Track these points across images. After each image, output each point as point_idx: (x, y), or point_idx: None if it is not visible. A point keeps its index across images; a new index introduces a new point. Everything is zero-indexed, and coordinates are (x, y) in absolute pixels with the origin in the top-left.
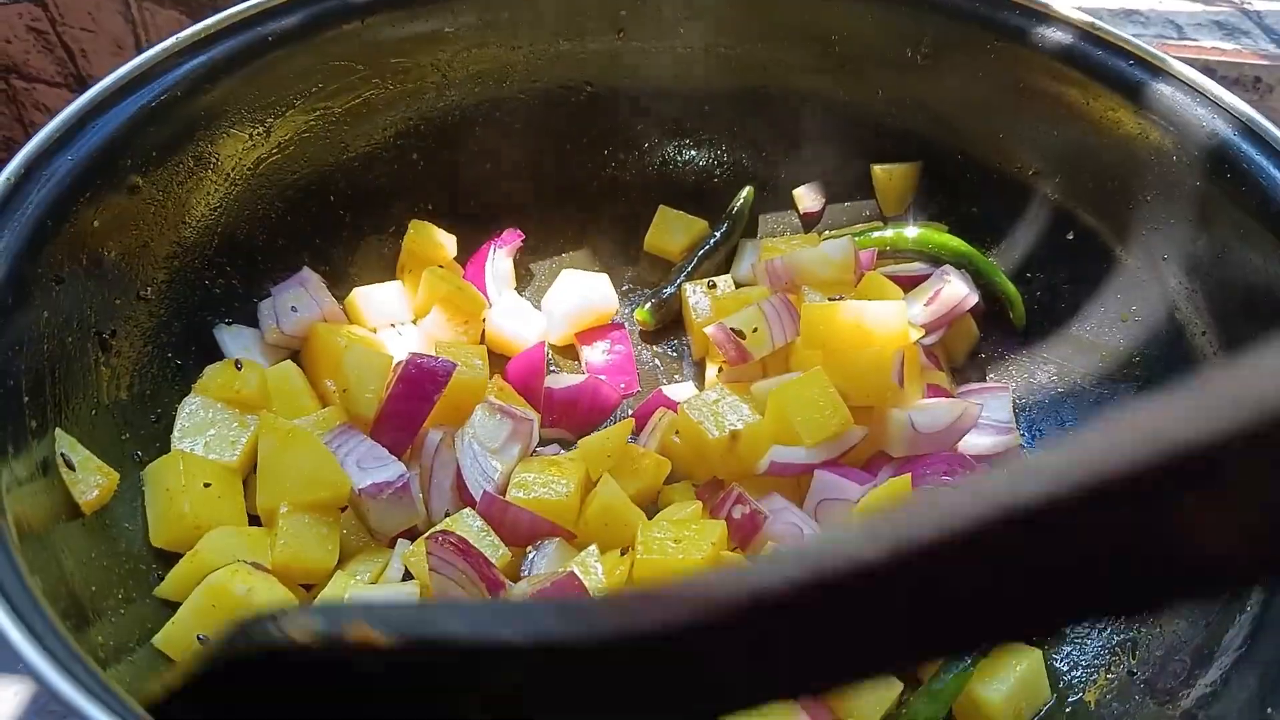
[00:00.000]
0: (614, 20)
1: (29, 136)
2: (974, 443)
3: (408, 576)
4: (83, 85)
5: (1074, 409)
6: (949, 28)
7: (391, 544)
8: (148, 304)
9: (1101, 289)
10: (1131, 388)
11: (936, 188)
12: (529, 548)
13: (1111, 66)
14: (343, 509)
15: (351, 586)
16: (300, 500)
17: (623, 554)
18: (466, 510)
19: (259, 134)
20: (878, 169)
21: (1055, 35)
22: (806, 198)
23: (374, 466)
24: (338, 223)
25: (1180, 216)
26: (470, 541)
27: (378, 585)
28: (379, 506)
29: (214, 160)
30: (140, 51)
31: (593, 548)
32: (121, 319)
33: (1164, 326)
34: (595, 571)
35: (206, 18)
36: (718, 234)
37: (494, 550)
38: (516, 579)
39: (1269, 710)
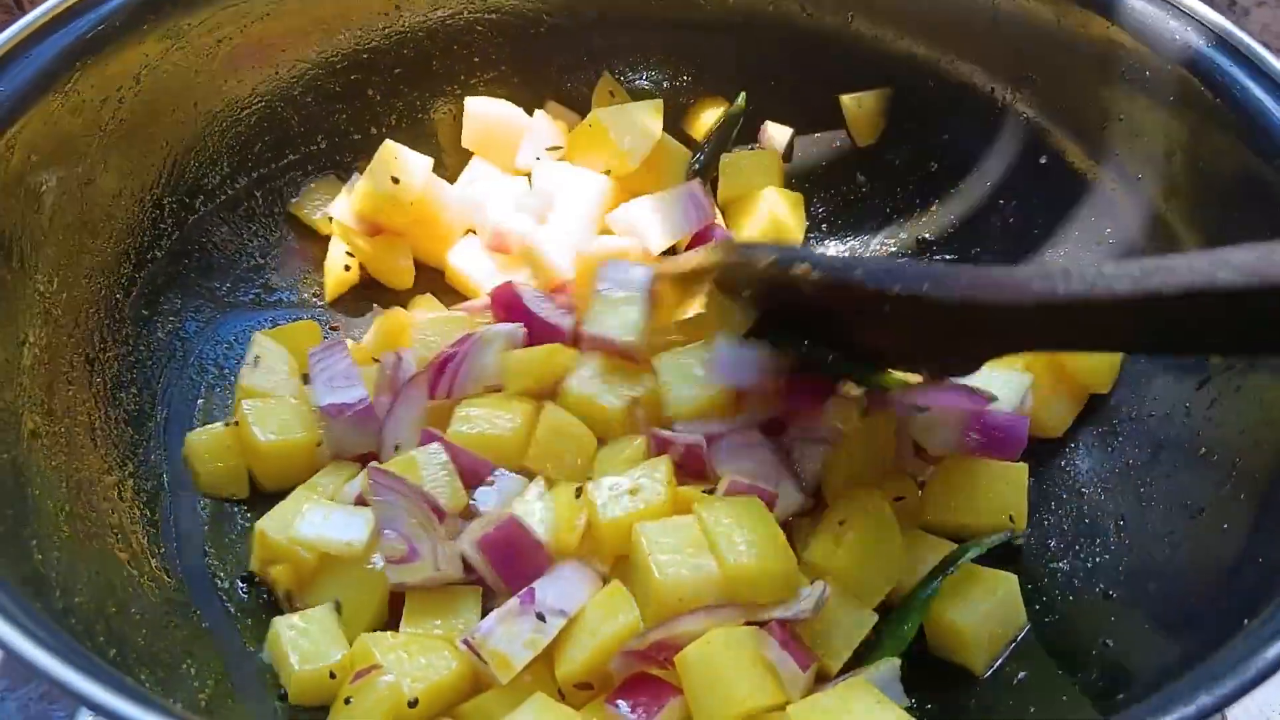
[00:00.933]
0: None
1: None
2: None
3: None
4: None
5: None
6: None
7: (362, 462)
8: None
9: (1076, 212)
10: None
11: (906, 116)
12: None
13: None
14: None
15: (310, 502)
16: None
17: (578, 496)
18: (433, 445)
19: (204, 69)
20: (846, 99)
21: None
22: (774, 132)
23: (343, 386)
24: (292, 163)
25: (1154, 133)
26: (420, 479)
27: (332, 505)
28: (338, 426)
29: (159, 95)
30: None
31: (536, 484)
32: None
33: (1141, 247)
34: (536, 512)
35: None
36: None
37: (448, 488)
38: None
39: (1245, 621)
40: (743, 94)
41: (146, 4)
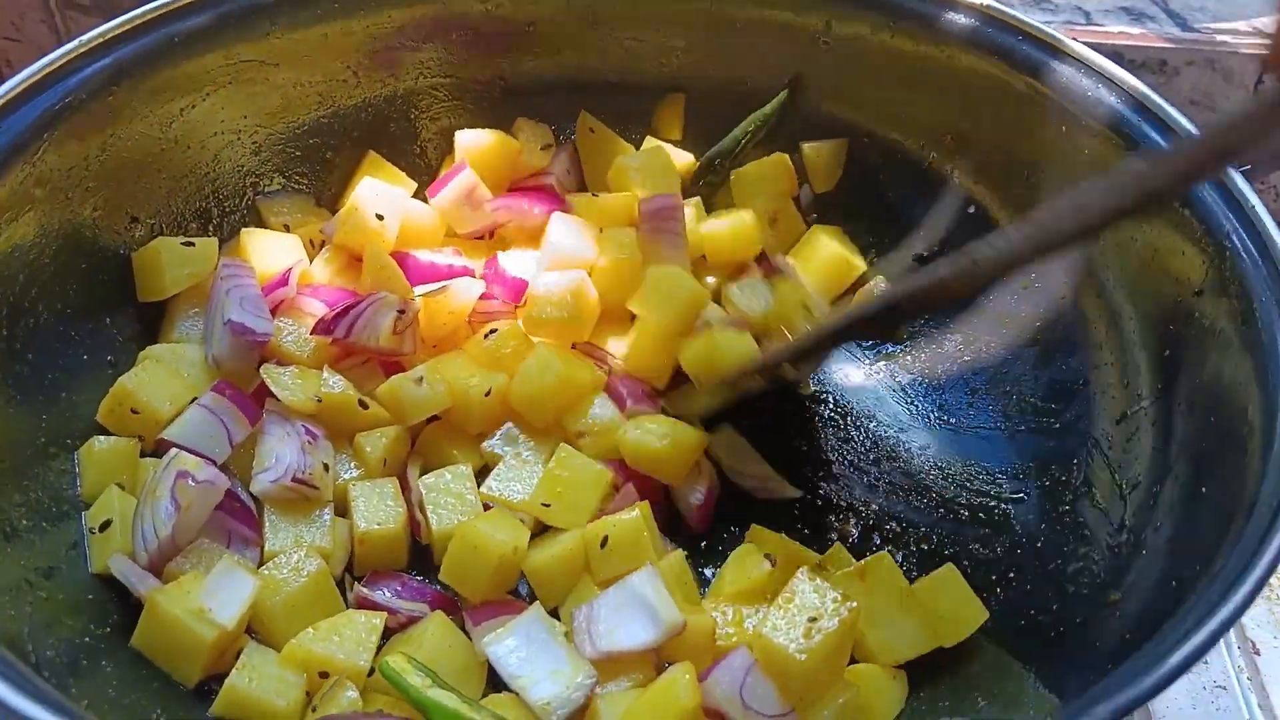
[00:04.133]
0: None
1: None
2: None
3: None
4: None
5: (981, 377)
6: (850, 15)
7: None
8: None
9: (1017, 287)
10: (1033, 353)
11: (855, 169)
12: None
13: (1011, 47)
14: None
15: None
16: None
17: None
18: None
19: (166, 136)
20: (807, 147)
21: (955, 19)
22: None
23: (254, 313)
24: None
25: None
26: None
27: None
28: (233, 344)
29: (123, 164)
30: None
31: None
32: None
33: (1061, 292)
34: None
35: None
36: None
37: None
38: None
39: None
40: (782, 94)
41: (109, 77)
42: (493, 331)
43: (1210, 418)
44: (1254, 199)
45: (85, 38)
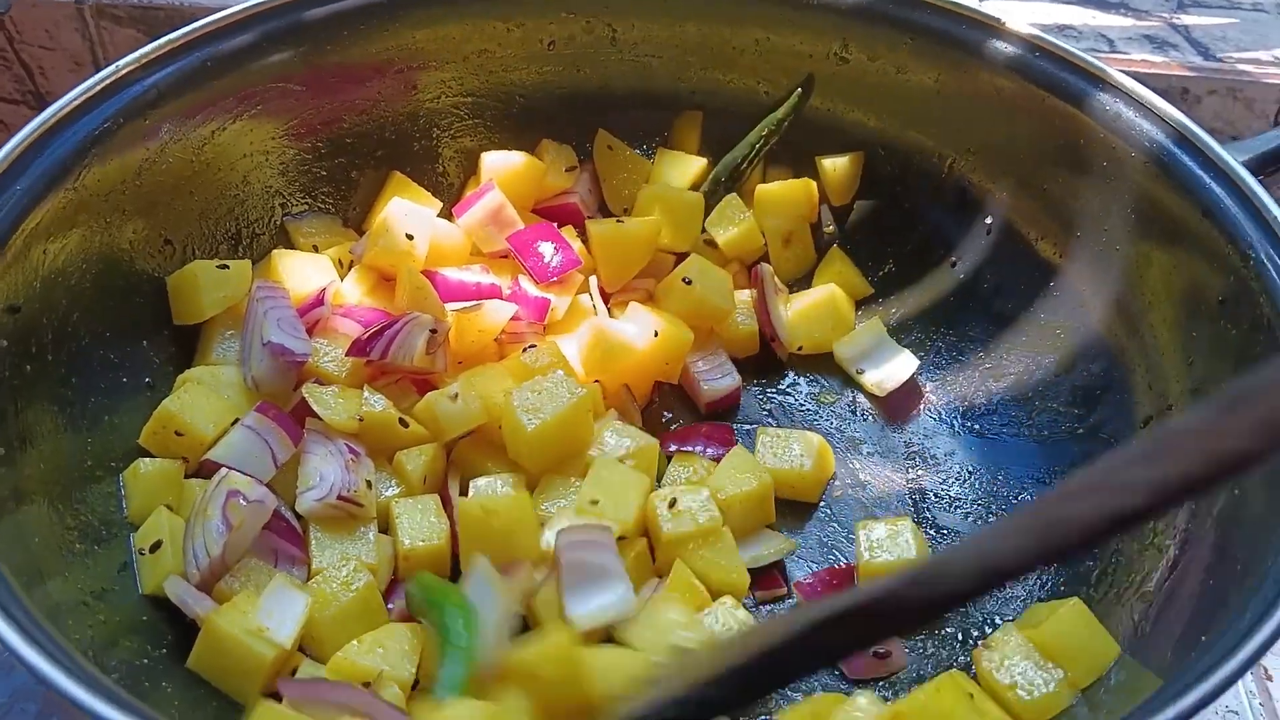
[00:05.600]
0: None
1: None
2: None
3: None
4: (41, 101)
5: (1004, 383)
6: (868, 35)
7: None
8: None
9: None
10: (1056, 360)
11: (872, 180)
12: None
13: (1058, 77)
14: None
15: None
16: None
17: None
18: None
19: (198, 159)
20: (825, 161)
21: (1004, 47)
22: None
23: (291, 334)
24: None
25: (1115, 220)
26: None
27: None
28: (272, 364)
29: (156, 187)
30: (98, 70)
31: None
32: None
33: (1083, 300)
34: None
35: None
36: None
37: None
38: None
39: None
40: (796, 92)
41: (149, 101)
42: (531, 347)
43: None
44: (1276, 210)
45: (123, 61)
